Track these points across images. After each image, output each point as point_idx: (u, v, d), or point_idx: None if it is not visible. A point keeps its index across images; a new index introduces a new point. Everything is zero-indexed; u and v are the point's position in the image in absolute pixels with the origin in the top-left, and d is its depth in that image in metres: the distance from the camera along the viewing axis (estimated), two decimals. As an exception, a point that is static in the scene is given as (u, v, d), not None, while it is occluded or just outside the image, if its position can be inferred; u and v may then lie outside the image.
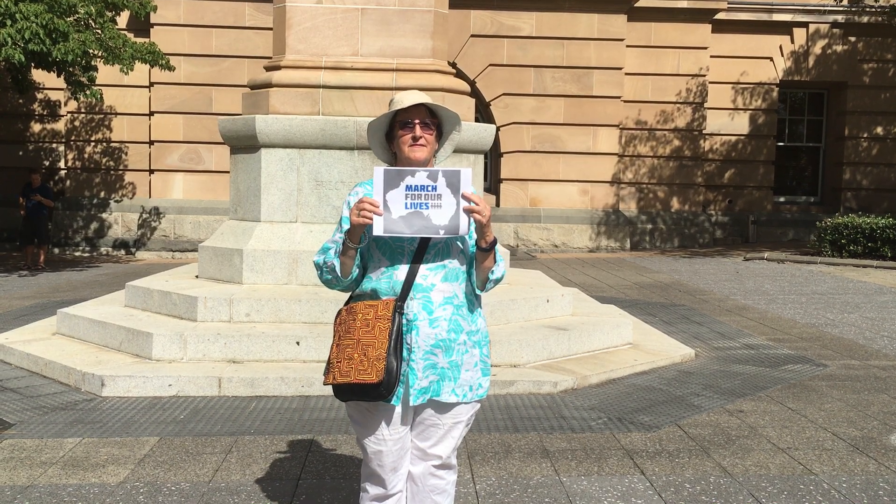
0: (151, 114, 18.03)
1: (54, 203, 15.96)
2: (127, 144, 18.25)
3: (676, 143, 19.23)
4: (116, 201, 18.21)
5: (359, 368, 2.82)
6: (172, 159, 18.06)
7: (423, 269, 2.93)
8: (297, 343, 6.47)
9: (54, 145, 18.45)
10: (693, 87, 19.04)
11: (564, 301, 7.88)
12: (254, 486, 4.31)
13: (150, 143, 18.12)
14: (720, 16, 18.91)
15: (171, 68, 14.77)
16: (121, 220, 18.14)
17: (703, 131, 19.35)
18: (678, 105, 19.09)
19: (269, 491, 4.26)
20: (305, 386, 6.03)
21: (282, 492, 4.24)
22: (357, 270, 2.98)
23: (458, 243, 2.98)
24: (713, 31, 19.04)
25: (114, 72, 15.19)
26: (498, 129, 17.36)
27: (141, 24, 17.32)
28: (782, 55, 19.74)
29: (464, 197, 2.79)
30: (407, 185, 2.79)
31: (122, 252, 17.95)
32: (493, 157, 18.84)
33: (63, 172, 18.44)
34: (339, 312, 2.99)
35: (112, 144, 18.27)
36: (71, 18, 13.02)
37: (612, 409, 5.77)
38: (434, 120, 3.02)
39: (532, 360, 6.61)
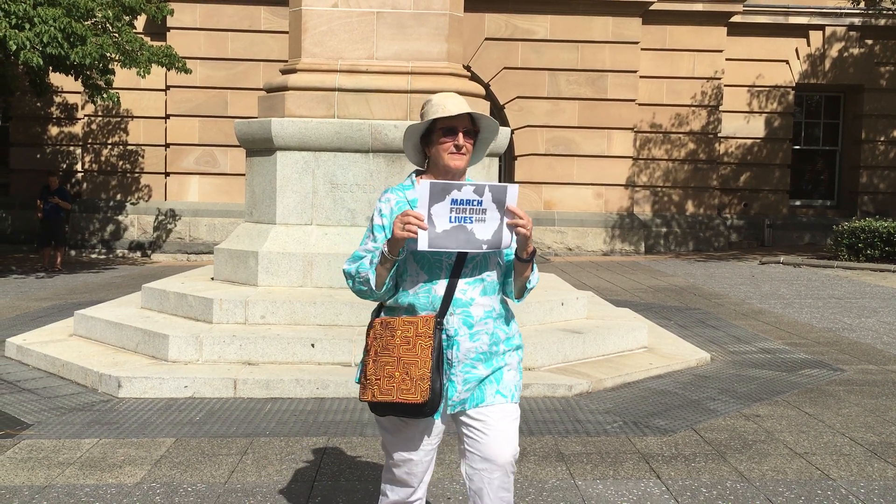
0: (167, 117, 18.14)
1: (71, 205, 16.07)
2: (143, 147, 18.38)
3: (691, 146, 19.16)
4: (132, 204, 18.32)
5: (401, 387, 2.77)
6: (188, 162, 18.16)
7: (462, 283, 2.88)
8: (312, 345, 6.48)
9: (71, 148, 18.60)
10: (708, 90, 18.97)
11: (579, 304, 7.87)
12: (269, 488, 4.32)
13: (166, 145, 18.24)
14: (736, 18, 18.83)
15: (187, 71, 14.86)
16: (137, 223, 18.26)
17: (719, 134, 19.27)
18: (693, 108, 19.02)
19: (285, 492, 4.27)
20: (320, 388, 6.05)
21: (297, 493, 4.25)
22: (391, 282, 2.90)
23: (496, 256, 2.96)
24: (729, 33, 18.96)
25: (130, 75, 15.29)
26: (512, 132, 17.35)
27: (157, 28, 17.44)
28: (798, 58, 19.64)
29: (510, 211, 2.77)
30: (452, 199, 2.73)
31: (138, 254, 18.06)
32: (507, 160, 18.85)
33: (80, 175, 18.58)
34: (373, 325, 2.92)
35: (128, 147, 18.40)
36: (88, 22, 13.12)
37: (627, 412, 5.75)
38: (475, 128, 2.98)
39: (547, 364, 6.61)
